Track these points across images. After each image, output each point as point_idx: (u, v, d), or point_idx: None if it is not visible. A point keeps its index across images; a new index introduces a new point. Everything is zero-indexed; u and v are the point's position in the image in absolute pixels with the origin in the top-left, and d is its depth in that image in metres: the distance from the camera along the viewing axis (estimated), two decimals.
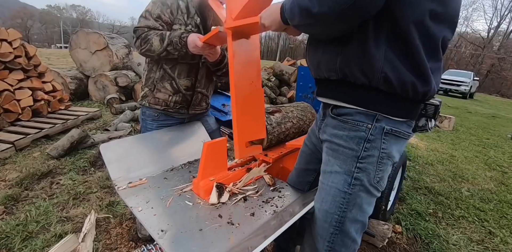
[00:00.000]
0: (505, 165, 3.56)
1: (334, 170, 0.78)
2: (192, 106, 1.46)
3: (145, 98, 1.40)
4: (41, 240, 1.50)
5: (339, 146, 0.78)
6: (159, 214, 0.89)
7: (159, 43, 1.19)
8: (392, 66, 0.68)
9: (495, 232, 1.96)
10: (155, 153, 1.27)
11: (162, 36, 1.19)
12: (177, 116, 1.46)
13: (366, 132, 0.74)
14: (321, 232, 0.82)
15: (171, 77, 1.35)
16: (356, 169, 0.75)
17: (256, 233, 0.81)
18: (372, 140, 0.74)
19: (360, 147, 0.74)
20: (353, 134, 0.75)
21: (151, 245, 1.40)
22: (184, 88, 1.38)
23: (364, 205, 0.79)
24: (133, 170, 1.14)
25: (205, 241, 0.78)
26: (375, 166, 0.76)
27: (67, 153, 2.62)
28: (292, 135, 1.45)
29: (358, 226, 0.81)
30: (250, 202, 0.99)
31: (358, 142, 0.75)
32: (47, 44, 59.39)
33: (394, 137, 0.75)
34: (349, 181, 0.76)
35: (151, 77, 1.37)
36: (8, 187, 2.02)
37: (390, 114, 0.73)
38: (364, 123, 0.74)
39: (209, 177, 1.03)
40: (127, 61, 5.41)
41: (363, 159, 0.75)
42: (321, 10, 0.60)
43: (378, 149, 0.74)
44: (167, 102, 1.39)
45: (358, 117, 0.75)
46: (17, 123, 3.09)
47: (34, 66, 3.36)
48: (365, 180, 0.76)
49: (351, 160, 0.76)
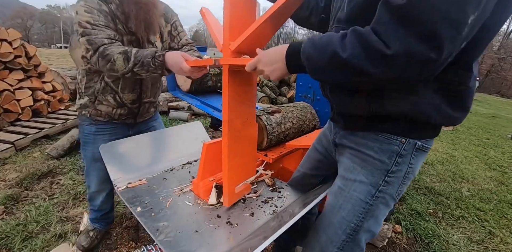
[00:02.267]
0: (505, 165, 3.56)
1: (359, 179, 0.77)
2: (140, 115, 1.35)
3: (85, 108, 1.25)
4: (41, 240, 1.50)
5: (369, 156, 0.76)
6: (159, 214, 0.89)
7: (123, 63, 1.00)
8: (438, 108, 0.66)
9: (495, 232, 1.96)
10: (154, 153, 1.27)
11: (127, 55, 0.99)
12: (121, 123, 1.33)
13: (400, 146, 0.72)
14: (333, 237, 0.80)
15: (114, 91, 1.21)
16: (383, 182, 0.74)
17: (256, 233, 0.81)
18: (404, 155, 0.73)
19: (391, 161, 0.73)
20: (386, 146, 0.73)
21: (151, 245, 1.40)
22: (129, 102, 1.26)
23: (380, 216, 0.79)
24: (133, 170, 1.14)
25: (204, 241, 0.78)
26: (401, 180, 0.75)
27: (67, 153, 2.62)
28: (292, 135, 1.45)
29: (368, 236, 0.80)
30: (249, 202, 0.99)
31: (390, 156, 0.73)
32: (47, 44, 59.41)
33: (422, 152, 0.75)
34: (373, 192, 0.75)
35: (92, 87, 1.22)
36: (8, 187, 2.02)
37: (426, 138, 0.73)
38: (399, 138, 0.72)
39: (208, 177, 1.03)
40: None
41: (393, 173, 0.74)
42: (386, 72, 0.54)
43: (407, 164, 0.74)
44: (111, 115, 1.26)
45: (392, 130, 0.74)
46: (17, 123, 3.09)
47: (34, 66, 3.36)
48: (388, 193, 0.75)
49: (379, 173, 0.74)
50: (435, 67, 0.53)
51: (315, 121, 1.65)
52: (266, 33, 0.80)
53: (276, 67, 0.70)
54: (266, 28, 0.77)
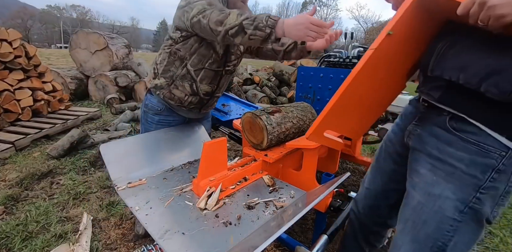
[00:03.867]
0: None
1: (445, 195, 0.67)
2: (205, 107, 1.46)
3: (160, 89, 1.33)
4: (41, 240, 1.50)
5: (456, 169, 0.66)
6: (159, 214, 0.89)
7: (236, 17, 0.96)
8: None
9: (495, 232, 1.96)
10: (155, 153, 1.27)
11: (240, 12, 0.99)
12: (180, 114, 1.44)
13: (498, 160, 0.61)
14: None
15: (192, 79, 1.29)
16: (474, 199, 0.65)
17: (256, 233, 0.81)
18: (503, 170, 0.62)
19: (485, 176, 0.63)
20: (480, 159, 0.62)
21: (151, 245, 1.40)
22: (203, 92, 1.35)
23: (472, 236, 0.69)
24: (133, 170, 1.14)
25: (205, 241, 0.78)
26: (496, 199, 0.65)
27: (67, 153, 2.62)
28: (292, 135, 1.45)
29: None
30: (249, 202, 0.99)
31: (485, 170, 0.62)
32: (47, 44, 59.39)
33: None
34: (461, 208, 0.66)
35: (171, 71, 1.29)
36: (8, 187, 2.02)
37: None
38: (498, 150, 0.61)
39: (209, 177, 1.03)
40: (127, 61, 5.41)
41: (485, 189, 0.64)
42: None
43: (505, 181, 0.63)
44: (182, 101, 1.34)
45: (489, 141, 0.62)
46: (17, 123, 3.09)
47: (34, 66, 3.36)
48: (481, 211, 0.66)
49: (470, 188, 0.65)
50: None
51: None
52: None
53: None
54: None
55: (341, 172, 2.51)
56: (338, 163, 1.64)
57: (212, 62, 1.26)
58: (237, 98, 2.64)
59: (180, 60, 1.26)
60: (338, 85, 0.73)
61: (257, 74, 6.16)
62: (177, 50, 1.24)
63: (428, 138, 0.73)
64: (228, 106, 2.47)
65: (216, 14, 1.00)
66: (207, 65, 1.27)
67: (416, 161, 0.76)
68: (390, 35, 0.65)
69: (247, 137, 1.40)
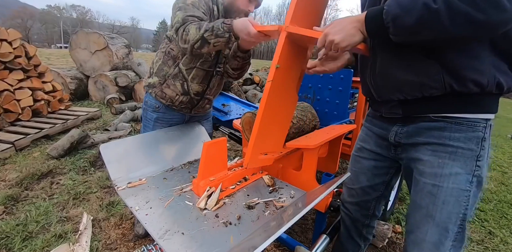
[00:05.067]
0: (505, 165, 3.56)
1: (455, 171, 0.78)
2: (196, 108, 1.47)
3: (153, 88, 1.38)
4: (41, 240, 1.50)
5: (457, 148, 0.77)
6: (159, 214, 0.89)
7: (195, 31, 1.08)
8: (502, 71, 0.69)
9: (495, 232, 1.96)
10: (155, 153, 1.27)
11: (200, 24, 1.09)
12: (178, 112, 1.46)
13: (483, 131, 0.75)
14: (445, 233, 0.79)
15: (184, 78, 1.33)
16: (476, 167, 0.77)
17: (256, 233, 0.81)
18: (486, 138, 0.76)
19: (478, 147, 0.76)
20: (471, 134, 0.75)
21: (151, 245, 1.40)
22: (194, 92, 1.37)
23: (477, 197, 0.81)
24: (133, 170, 1.14)
25: (205, 241, 0.78)
26: (486, 160, 0.79)
27: (67, 153, 2.62)
28: (292, 135, 1.45)
29: (471, 214, 0.83)
30: (249, 202, 0.99)
31: (477, 142, 0.76)
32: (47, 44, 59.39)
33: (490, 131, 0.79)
34: (470, 179, 0.77)
35: (164, 70, 1.34)
36: (8, 187, 2.02)
37: (494, 112, 0.76)
38: (481, 123, 0.75)
39: (209, 177, 1.03)
40: (127, 61, 5.41)
41: (481, 157, 0.77)
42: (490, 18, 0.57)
43: (488, 145, 0.78)
44: (173, 100, 1.38)
45: (472, 119, 0.76)
46: (17, 123, 3.09)
47: (34, 66, 3.36)
48: (481, 175, 0.78)
49: (471, 160, 0.77)
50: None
51: (315, 121, 1.65)
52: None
53: (347, 34, 0.72)
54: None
55: (341, 172, 2.51)
56: (338, 163, 1.64)
57: (204, 61, 1.29)
58: (237, 98, 2.64)
59: (173, 60, 1.31)
60: (338, 85, 0.83)
61: (257, 74, 6.16)
62: (171, 49, 1.31)
63: (420, 131, 0.82)
64: (228, 106, 2.47)
65: (180, 33, 1.13)
66: (199, 64, 1.30)
67: (416, 152, 0.84)
68: (279, 68, 0.88)
69: (247, 136, 1.40)
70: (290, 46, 0.89)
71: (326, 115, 1.83)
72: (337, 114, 1.79)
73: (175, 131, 1.42)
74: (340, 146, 1.57)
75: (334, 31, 0.74)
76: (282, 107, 1.01)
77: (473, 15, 0.56)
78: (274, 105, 0.95)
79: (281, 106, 0.99)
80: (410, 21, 0.62)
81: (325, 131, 1.44)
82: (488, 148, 0.78)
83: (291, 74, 0.98)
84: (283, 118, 1.07)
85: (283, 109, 1.03)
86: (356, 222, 1.15)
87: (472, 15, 0.56)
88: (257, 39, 1.05)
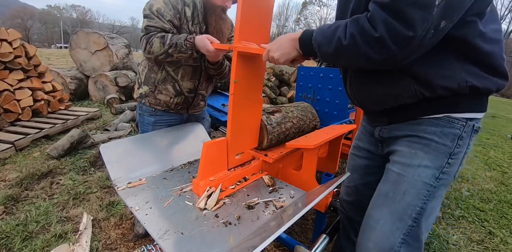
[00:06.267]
0: (505, 165, 3.56)
1: (424, 164, 0.79)
2: (192, 106, 1.48)
3: (145, 98, 1.39)
4: (41, 240, 1.50)
5: (431, 141, 0.78)
6: (159, 214, 0.89)
7: (159, 45, 1.16)
8: (474, 74, 0.71)
9: (495, 232, 1.96)
10: (154, 153, 1.27)
11: (163, 39, 1.16)
12: (175, 113, 1.47)
13: (461, 129, 0.76)
14: (398, 224, 0.81)
15: (174, 80, 1.34)
16: (447, 164, 0.78)
17: (256, 233, 0.81)
18: (464, 137, 0.76)
19: (453, 144, 0.76)
20: (447, 130, 0.76)
21: (151, 245, 1.40)
22: (186, 90, 1.38)
23: (441, 197, 0.82)
24: (133, 170, 1.14)
25: (205, 241, 0.78)
26: (460, 160, 0.79)
27: (67, 153, 2.62)
28: (292, 135, 1.45)
29: (432, 217, 0.83)
30: (249, 202, 0.99)
31: (453, 139, 0.76)
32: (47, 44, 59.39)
33: (476, 133, 0.79)
34: (437, 175, 0.78)
35: (152, 78, 1.35)
36: (8, 187, 2.02)
37: (475, 111, 0.77)
38: (460, 121, 0.76)
39: (209, 177, 1.03)
40: (127, 61, 5.41)
41: (454, 155, 0.77)
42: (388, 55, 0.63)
43: (466, 145, 0.78)
44: (168, 104, 1.39)
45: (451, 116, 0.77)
46: (17, 123, 3.09)
47: (34, 66, 3.36)
48: (450, 174, 0.79)
49: (443, 156, 0.77)
50: (420, 43, 0.61)
51: (316, 121, 1.65)
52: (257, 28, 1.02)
53: (284, 52, 0.82)
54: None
55: (341, 172, 2.51)
56: (338, 163, 1.64)
57: (189, 57, 1.28)
58: None
59: (158, 64, 1.32)
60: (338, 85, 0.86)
61: None
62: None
63: (400, 126, 0.85)
64: (228, 106, 2.47)
65: (144, 44, 1.19)
66: (184, 61, 1.31)
67: (394, 145, 0.87)
68: (236, 82, 1.00)
69: None
70: (244, 60, 1.01)
71: (326, 115, 1.83)
72: (337, 114, 1.79)
73: (175, 131, 1.42)
74: (340, 146, 1.57)
75: (274, 48, 0.84)
76: (249, 110, 1.14)
77: (371, 56, 0.65)
78: (240, 112, 1.08)
79: (247, 110, 1.12)
80: (329, 51, 0.71)
81: (325, 131, 1.44)
82: (466, 148, 0.78)
83: (250, 83, 1.09)
84: (253, 119, 1.18)
85: (251, 112, 1.15)
86: (352, 221, 1.15)
87: (370, 56, 0.65)
88: (216, 54, 1.17)
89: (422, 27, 0.59)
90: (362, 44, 0.64)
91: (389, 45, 0.61)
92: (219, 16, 1.33)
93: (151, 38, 1.17)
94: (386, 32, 0.60)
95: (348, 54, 0.68)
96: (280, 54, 0.82)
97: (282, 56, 0.82)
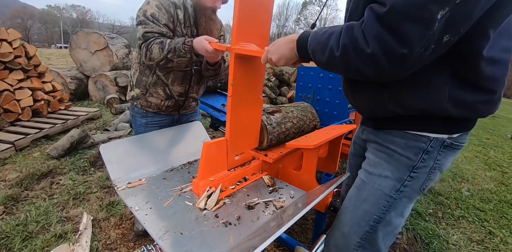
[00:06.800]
0: (505, 165, 3.56)
1: (385, 174, 0.78)
2: (183, 108, 1.50)
3: (137, 100, 1.41)
4: (41, 240, 1.50)
5: (395, 152, 0.77)
6: (159, 214, 0.89)
7: (159, 51, 1.16)
8: (459, 104, 0.66)
9: (495, 232, 1.96)
10: (154, 153, 1.27)
11: (162, 44, 1.16)
12: (166, 115, 1.48)
13: (427, 143, 0.73)
14: (356, 228, 0.83)
15: (164, 84, 1.35)
16: (408, 177, 0.76)
17: (256, 233, 0.81)
18: (431, 151, 0.73)
19: (417, 157, 0.74)
20: (412, 143, 0.74)
21: (151, 246, 1.40)
22: (177, 94, 1.40)
23: (403, 209, 0.80)
24: (133, 170, 1.14)
25: (205, 241, 0.78)
26: (426, 175, 0.76)
27: (67, 153, 2.62)
28: (292, 135, 1.45)
29: (390, 228, 0.82)
30: (249, 203, 0.99)
31: (416, 153, 0.74)
32: (47, 44, 59.34)
33: (452, 149, 0.74)
34: (397, 187, 0.77)
35: (143, 80, 1.36)
36: (8, 187, 2.02)
37: (456, 133, 0.72)
38: (426, 135, 0.73)
39: (209, 177, 1.03)
40: (127, 61, 5.41)
41: (418, 169, 0.75)
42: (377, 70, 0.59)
43: (433, 160, 0.74)
44: (159, 106, 1.41)
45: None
46: (17, 123, 3.09)
47: (34, 66, 3.36)
48: (413, 188, 0.77)
49: (405, 169, 0.76)
50: (417, 60, 0.56)
51: (316, 122, 1.65)
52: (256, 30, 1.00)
53: (283, 54, 0.79)
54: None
55: (341, 172, 2.51)
56: (338, 163, 1.64)
57: (188, 61, 1.28)
58: None
59: (149, 68, 1.32)
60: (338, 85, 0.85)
61: None
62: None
63: (375, 131, 0.85)
64: None
65: (144, 51, 1.19)
66: (175, 67, 1.31)
67: (367, 150, 0.89)
68: (233, 84, 0.99)
69: None
70: (242, 61, 0.99)
71: (326, 115, 1.83)
72: (337, 114, 1.79)
73: (175, 131, 1.42)
74: (340, 146, 1.57)
75: (272, 50, 0.81)
76: (248, 112, 1.13)
77: (362, 71, 0.61)
78: (239, 113, 1.07)
79: (247, 112, 1.11)
80: (323, 59, 0.68)
81: (325, 131, 1.44)
82: (433, 162, 0.74)
83: (249, 84, 1.08)
84: (252, 120, 1.18)
85: (250, 113, 1.14)
86: None
87: (361, 70, 0.61)
88: (216, 54, 1.16)
89: (419, 44, 0.52)
90: (354, 58, 0.59)
91: (381, 62, 0.56)
92: (209, 17, 1.33)
93: (150, 45, 1.17)
94: (379, 49, 0.55)
95: (341, 65, 0.64)
96: (278, 57, 0.79)
97: (281, 59, 0.79)
